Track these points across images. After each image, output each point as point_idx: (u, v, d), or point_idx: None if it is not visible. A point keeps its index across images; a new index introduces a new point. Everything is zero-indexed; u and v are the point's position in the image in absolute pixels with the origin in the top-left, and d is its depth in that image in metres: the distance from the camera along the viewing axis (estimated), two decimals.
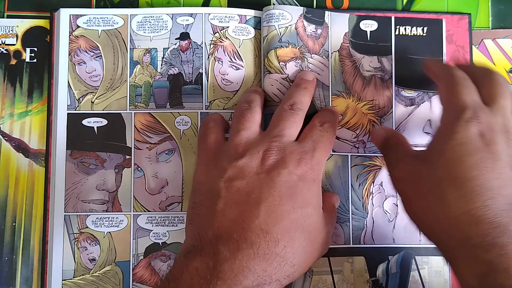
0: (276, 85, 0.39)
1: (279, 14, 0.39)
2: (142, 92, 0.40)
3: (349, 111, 0.40)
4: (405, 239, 0.39)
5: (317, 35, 0.40)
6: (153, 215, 0.39)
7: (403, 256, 0.39)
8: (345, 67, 0.40)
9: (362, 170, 0.39)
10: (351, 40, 0.40)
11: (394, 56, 0.41)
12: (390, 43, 0.41)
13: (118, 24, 0.40)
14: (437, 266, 0.39)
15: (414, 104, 0.41)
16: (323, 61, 0.40)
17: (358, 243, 0.39)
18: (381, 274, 0.38)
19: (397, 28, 0.41)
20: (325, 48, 0.40)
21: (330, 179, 0.39)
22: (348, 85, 0.40)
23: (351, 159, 0.39)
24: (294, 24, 0.39)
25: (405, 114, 0.40)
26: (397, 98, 0.40)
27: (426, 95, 0.41)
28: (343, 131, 0.39)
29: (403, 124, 0.40)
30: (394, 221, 0.39)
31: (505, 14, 0.43)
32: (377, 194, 0.39)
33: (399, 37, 0.41)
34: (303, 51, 0.39)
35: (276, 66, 0.39)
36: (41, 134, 0.41)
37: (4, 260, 0.39)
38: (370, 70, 0.40)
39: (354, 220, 0.39)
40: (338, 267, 0.38)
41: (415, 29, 0.41)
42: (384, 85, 0.40)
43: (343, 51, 0.40)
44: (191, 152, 0.39)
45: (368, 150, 0.39)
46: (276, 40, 0.39)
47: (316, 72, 0.39)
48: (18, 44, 0.42)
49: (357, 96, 0.40)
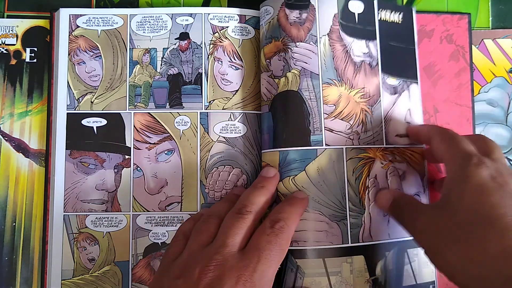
0: (265, 84, 0.38)
1: (264, 10, 0.39)
2: (141, 92, 0.40)
3: (342, 100, 0.37)
4: (398, 232, 0.37)
5: (301, 21, 0.38)
6: (153, 215, 0.39)
7: (398, 251, 0.37)
8: (336, 52, 0.38)
9: (357, 163, 0.37)
10: (341, 22, 0.38)
11: (379, 41, 0.39)
12: (374, 27, 0.39)
13: (117, 24, 0.40)
14: (425, 257, 0.37)
15: (396, 93, 0.39)
16: (310, 48, 0.37)
17: (356, 241, 0.36)
18: (380, 272, 0.36)
19: (379, 12, 0.40)
20: (312, 33, 0.37)
21: (324, 175, 0.36)
22: (339, 72, 0.38)
23: (346, 152, 0.37)
24: (276, 16, 0.38)
25: (390, 103, 0.39)
26: (383, 86, 0.39)
27: (405, 83, 0.39)
28: (337, 122, 0.37)
29: (389, 114, 0.39)
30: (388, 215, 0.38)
31: (505, 14, 0.43)
32: (372, 188, 0.37)
33: (381, 22, 0.39)
34: (286, 42, 0.37)
35: (264, 64, 0.39)
36: (41, 134, 0.41)
37: (4, 260, 0.39)
38: (360, 55, 0.38)
39: (352, 218, 0.36)
40: (335, 269, 0.36)
41: (393, 14, 0.40)
42: (372, 72, 0.39)
43: (333, 35, 0.38)
44: (190, 152, 0.39)
45: (362, 142, 0.37)
46: (264, 38, 0.39)
47: (302, 61, 0.37)
48: (18, 44, 0.42)
49: (349, 84, 0.38)
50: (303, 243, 0.36)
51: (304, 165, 0.36)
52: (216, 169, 0.39)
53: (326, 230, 0.36)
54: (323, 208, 0.36)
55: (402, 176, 0.38)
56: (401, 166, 0.38)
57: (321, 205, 0.36)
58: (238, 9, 0.41)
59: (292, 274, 0.36)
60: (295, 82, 0.37)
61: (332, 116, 0.37)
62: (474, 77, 0.42)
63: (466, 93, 0.42)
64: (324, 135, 0.37)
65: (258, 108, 0.40)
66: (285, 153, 0.36)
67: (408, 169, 0.38)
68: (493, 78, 0.43)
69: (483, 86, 0.43)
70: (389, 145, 0.38)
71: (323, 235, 0.36)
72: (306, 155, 0.36)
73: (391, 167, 0.38)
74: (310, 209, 0.36)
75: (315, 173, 0.36)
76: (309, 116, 0.37)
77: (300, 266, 0.35)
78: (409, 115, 0.39)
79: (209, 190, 0.39)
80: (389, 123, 0.39)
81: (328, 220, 0.36)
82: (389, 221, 0.37)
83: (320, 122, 0.37)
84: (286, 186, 0.36)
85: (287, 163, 0.36)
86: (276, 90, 0.37)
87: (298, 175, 0.36)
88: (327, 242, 0.36)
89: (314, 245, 0.36)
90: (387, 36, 0.39)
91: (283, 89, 0.37)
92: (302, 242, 0.36)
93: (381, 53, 0.39)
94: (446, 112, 0.42)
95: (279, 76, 0.37)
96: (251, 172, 0.39)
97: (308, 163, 0.36)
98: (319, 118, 0.37)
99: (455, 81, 0.42)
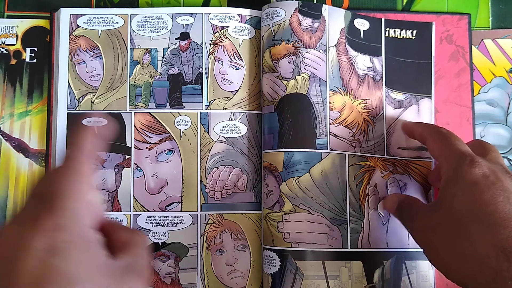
0: (270, 84, 0.39)
1: (273, 12, 0.39)
2: (142, 92, 0.40)
3: (346, 108, 0.39)
4: (396, 243, 0.38)
5: (313, 29, 0.39)
6: (153, 215, 0.39)
7: (395, 261, 0.38)
8: (342, 63, 0.39)
9: (358, 170, 0.38)
10: (347, 36, 0.40)
11: (384, 57, 0.41)
12: (380, 44, 0.41)
13: (118, 24, 0.40)
14: (423, 270, 0.38)
15: (402, 107, 0.40)
16: (320, 56, 0.39)
17: (355, 246, 0.37)
18: (377, 280, 0.37)
19: (387, 30, 0.41)
20: (322, 42, 0.39)
21: (328, 178, 0.37)
22: (344, 82, 0.39)
23: (348, 158, 0.38)
24: (288, 19, 0.39)
25: (394, 116, 0.40)
26: (387, 100, 0.40)
27: (414, 98, 0.41)
28: (341, 128, 0.38)
29: (393, 126, 0.40)
30: (387, 224, 0.38)
31: (505, 14, 0.43)
32: (372, 196, 0.38)
33: (389, 39, 0.41)
34: (298, 46, 0.38)
35: (270, 65, 0.39)
36: (41, 134, 0.41)
37: None
38: (364, 68, 0.40)
39: (352, 223, 0.37)
40: (334, 272, 0.36)
41: (404, 32, 0.41)
42: (376, 86, 0.40)
43: (340, 47, 0.40)
44: (191, 152, 0.39)
45: (363, 150, 0.39)
46: (270, 39, 0.39)
47: (312, 67, 0.38)
48: (18, 44, 0.42)
49: (353, 94, 0.39)
50: (303, 244, 0.36)
51: (309, 167, 0.37)
52: (216, 169, 0.39)
53: (327, 232, 0.36)
54: (325, 210, 0.37)
55: (403, 188, 0.39)
56: (402, 178, 0.39)
57: (323, 208, 0.37)
58: (238, 9, 0.41)
59: (291, 275, 0.36)
60: (305, 85, 0.38)
61: (337, 122, 0.38)
62: (474, 77, 0.42)
63: (466, 93, 0.42)
64: (329, 140, 0.38)
65: (258, 108, 0.40)
66: (290, 154, 0.37)
67: (410, 182, 0.39)
68: (493, 78, 0.43)
69: (483, 86, 0.43)
70: (390, 156, 0.39)
71: (324, 238, 0.36)
72: (311, 158, 0.37)
73: (391, 177, 0.39)
74: (313, 211, 0.36)
75: (319, 175, 0.37)
76: (316, 120, 0.37)
77: (299, 268, 0.36)
78: None
79: (209, 190, 0.39)
80: (392, 135, 0.40)
81: (329, 223, 0.36)
82: (387, 230, 0.38)
83: (326, 127, 0.38)
84: (289, 187, 0.37)
85: (292, 164, 0.37)
86: (284, 92, 0.38)
87: (302, 176, 0.37)
88: (327, 245, 0.36)
89: (314, 247, 0.36)
90: (395, 52, 0.41)
91: (292, 91, 0.38)
92: (302, 243, 0.36)
93: (385, 68, 0.40)
94: (446, 112, 0.42)
95: (288, 78, 0.38)
96: (251, 172, 0.39)
97: (313, 165, 0.37)
98: (325, 123, 0.38)
99: (455, 81, 0.42)
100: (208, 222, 0.39)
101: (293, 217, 0.36)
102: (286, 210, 0.36)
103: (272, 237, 0.37)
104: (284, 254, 0.36)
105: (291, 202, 0.36)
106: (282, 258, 0.36)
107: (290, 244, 0.36)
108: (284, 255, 0.36)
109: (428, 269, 0.38)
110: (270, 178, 0.38)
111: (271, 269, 0.36)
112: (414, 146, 0.40)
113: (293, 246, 0.36)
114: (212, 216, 0.39)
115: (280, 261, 0.36)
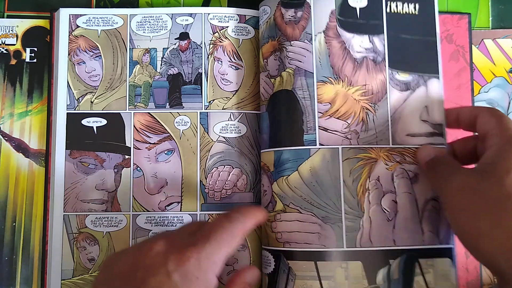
0: (263, 84, 0.38)
1: (262, 10, 0.39)
2: (141, 92, 0.40)
3: (338, 98, 0.36)
4: (407, 240, 0.35)
5: (296, 19, 0.37)
6: (152, 215, 0.39)
7: (406, 259, 0.34)
8: (333, 49, 0.37)
9: (355, 164, 0.36)
10: (339, 18, 0.37)
11: (386, 35, 0.37)
12: (381, 20, 0.37)
13: (117, 24, 0.40)
14: (443, 269, 0.35)
15: (409, 89, 0.37)
16: (304, 46, 0.36)
17: (353, 246, 0.34)
18: (381, 280, 0.34)
19: (388, 4, 0.38)
20: (307, 31, 0.37)
21: (317, 175, 0.35)
22: (336, 69, 0.36)
23: (342, 152, 0.36)
24: (272, 15, 0.38)
25: (400, 100, 0.37)
26: (392, 82, 0.37)
27: (421, 78, 0.37)
28: (332, 121, 0.36)
29: (399, 111, 0.37)
30: (394, 220, 0.35)
31: (505, 14, 0.43)
32: (374, 191, 0.35)
33: (390, 14, 0.37)
34: (282, 41, 0.37)
35: (261, 64, 0.38)
36: (41, 134, 0.41)
37: (4, 260, 0.39)
38: (361, 51, 0.37)
39: (348, 220, 0.35)
40: (328, 273, 0.34)
41: (406, 5, 0.38)
42: (377, 68, 0.37)
43: (330, 31, 0.37)
44: (190, 152, 0.39)
45: (362, 141, 0.36)
46: (262, 38, 0.39)
47: (296, 59, 0.36)
48: (18, 44, 0.42)
49: (347, 81, 0.36)
50: (294, 244, 0.35)
51: (297, 165, 0.35)
52: (216, 169, 0.39)
53: (318, 232, 0.35)
54: (315, 209, 0.35)
55: (413, 179, 0.36)
56: (412, 167, 0.36)
57: (313, 206, 0.35)
58: (238, 9, 0.41)
59: (284, 275, 0.35)
60: (290, 81, 0.37)
61: (327, 115, 0.36)
62: (474, 77, 0.42)
63: (466, 93, 0.42)
64: (318, 135, 0.36)
65: (258, 108, 0.40)
66: (279, 153, 0.36)
67: (421, 171, 0.36)
68: (493, 78, 0.43)
69: (483, 86, 0.43)
70: (396, 145, 0.36)
71: (315, 237, 0.35)
72: (299, 155, 0.36)
73: (398, 168, 0.36)
74: (302, 210, 0.35)
75: (307, 173, 0.35)
76: (303, 115, 0.36)
77: (291, 268, 0.35)
78: (425, 113, 0.37)
79: (209, 190, 0.39)
80: (398, 122, 0.36)
81: (320, 222, 0.35)
82: (394, 226, 0.35)
83: (314, 121, 0.36)
84: (280, 186, 0.36)
85: (281, 163, 0.36)
86: (272, 90, 0.37)
87: (291, 175, 0.36)
88: (319, 245, 0.34)
89: (305, 247, 0.35)
90: (398, 28, 0.37)
91: (278, 88, 0.37)
92: (293, 243, 0.35)
93: (388, 47, 0.37)
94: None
95: (275, 76, 0.37)
96: (251, 172, 0.39)
97: (301, 163, 0.35)
98: (312, 117, 0.36)
99: (455, 81, 0.42)
100: None
101: (284, 217, 0.35)
102: (278, 210, 0.36)
103: (267, 237, 0.36)
104: (278, 254, 0.35)
105: (282, 202, 0.36)
106: (276, 258, 0.35)
107: (282, 244, 0.35)
108: (277, 255, 0.35)
109: (449, 267, 0.35)
110: (264, 178, 0.37)
111: (267, 269, 0.36)
112: (426, 132, 0.37)
113: (284, 246, 0.35)
114: (212, 216, 0.39)
115: (274, 261, 0.35)
